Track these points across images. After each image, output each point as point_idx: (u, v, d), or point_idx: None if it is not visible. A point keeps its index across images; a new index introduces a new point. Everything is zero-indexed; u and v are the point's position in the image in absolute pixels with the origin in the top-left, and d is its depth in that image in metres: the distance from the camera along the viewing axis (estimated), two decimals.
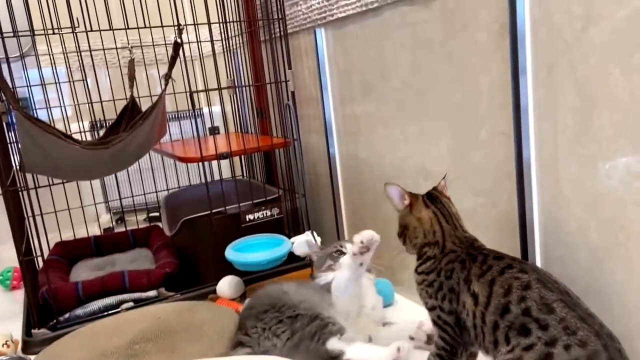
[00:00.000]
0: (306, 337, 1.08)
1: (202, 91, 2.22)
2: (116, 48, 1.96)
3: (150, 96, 1.88)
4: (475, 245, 0.97)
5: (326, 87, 1.70)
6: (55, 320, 1.46)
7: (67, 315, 1.49)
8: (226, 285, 1.57)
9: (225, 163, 2.28)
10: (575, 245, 0.97)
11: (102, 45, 1.89)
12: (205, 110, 2.42)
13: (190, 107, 1.68)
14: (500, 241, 1.13)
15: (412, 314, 1.36)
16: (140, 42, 2.04)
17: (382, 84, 1.43)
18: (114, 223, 2.53)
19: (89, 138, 2.20)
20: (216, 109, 2.44)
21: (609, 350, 0.76)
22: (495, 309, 0.84)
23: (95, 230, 2.20)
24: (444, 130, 1.24)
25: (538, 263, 1.04)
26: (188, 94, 1.61)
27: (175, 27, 1.51)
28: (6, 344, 1.38)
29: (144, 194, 2.23)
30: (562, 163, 0.97)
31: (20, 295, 1.84)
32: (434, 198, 1.03)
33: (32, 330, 1.44)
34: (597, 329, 0.78)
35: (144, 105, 1.64)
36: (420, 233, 1.01)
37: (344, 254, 1.31)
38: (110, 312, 1.51)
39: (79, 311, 1.50)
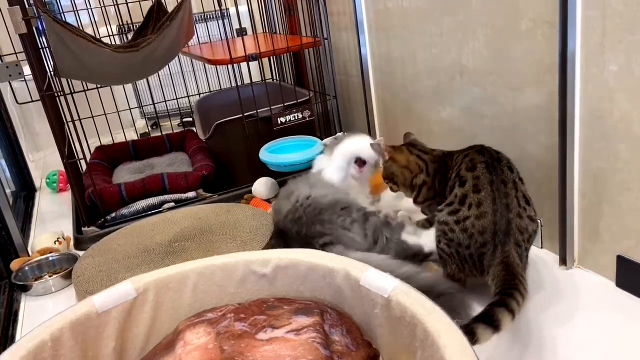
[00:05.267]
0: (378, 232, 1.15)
1: None
2: None
3: None
4: (445, 153, 1.16)
5: None
6: (102, 219, 1.55)
7: (113, 215, 1.57)
8: (262, 185, 1.61)
9: (254, 65, 2.25)
10: (616, 138, 0.94)
11: None
12: (232, 10, 2.35)
13: (217, 7, 1.63)
14: (539, 137, 1.11)
15: None
16: None
17: None
18: (149, 128, 2.58)
19: (117, 42, 2.18)
20: (243, 8, 2.36)
21: (496, 215, 0.95)
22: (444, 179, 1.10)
23: (132, 135, 2.25)
24: (482, 22, 1.17)
25: (576, 158, 1.02)
26: None
27: None
28: (58, 240, 1.48)
29: (176, 99, 2.25)
30: (609, 52, 0.91)
31: (67, 197, 1.94)
32: (414, 145, 1.23)
33: (82, 228, 1.54)
34: (495, 196, 0.96)
35: (170, 6, 1.60)
36: (408, 172, 1.19)
37: None
38: (153, 211, 1.59)
39: (124, 211, 1.58)
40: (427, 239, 1.17)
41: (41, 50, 1.56)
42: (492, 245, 0.94)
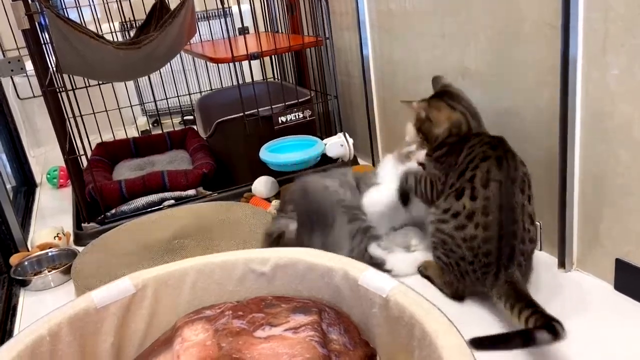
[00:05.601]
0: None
1: None
2: None
3: None
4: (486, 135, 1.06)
5: None
6: (102, 215, 1.55)
7: (113, 211, 1.58)
8: (262, 184, 1.61)
9: (256, 64, 2.26)
10: (616, 142, 0.94)
11: None
12: (235, 9, 2.35)
13: (219, 6, 1.63)
14: (539, 139, 1.11)
15: None
16: None
17: None
18: (150, 126, 2.58)
19: (120, 39, 2.19)
20: (245, 7, 2.36)
21: (502, 241, 0.93)
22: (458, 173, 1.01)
23: (133, 133, 2.25)
24: (485, 24, 1.17)
25: (576, 160, 1.02)
26: None
27: None
28: (58, 236, 1.48)
29: (178, 97, 2.25)
30: (611, 55, 0.91)
31: (67, 192, 1.94)
32: (455, 96, 1.08)
33: (82, 224, 1.54)
34: (504, 220, 0.94)
35: (173, 4, 1.60)
36: (446, 132, 1.07)
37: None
38: (153, 208, 1.59)
39: (124, 207, 1.58)
40: (394, 261, 1.14)
41: (43, 45, 1.56)
42: (496, 267, 0.94)
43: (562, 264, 1.09)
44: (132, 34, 1.74)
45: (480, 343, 0.78)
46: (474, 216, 0.96)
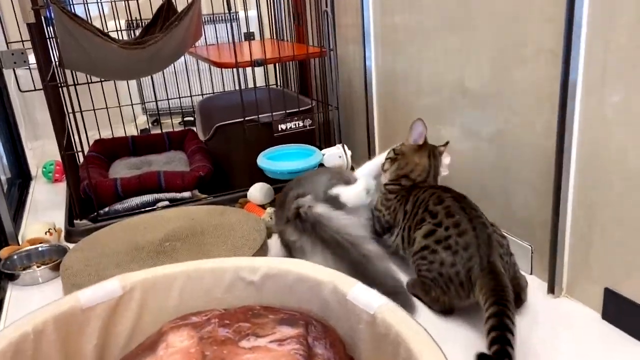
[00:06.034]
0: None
1: None
2: None
3: None
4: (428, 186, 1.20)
5: None
6: (95, 213, 1.54)
7: (107, 209, 1.57)
8: (257, 191, 1.61)
9: (259, 70, 2.26)
10: (611, 171, 0.95)
11: None
12: (241, 14, 2.36)
13: (226, 10, 1.64)
14: (535, 164, 1.11)
15: None
16: None
17: None
18: (150, 125, 2.58)
19: (125, 37, 2.19)
20: (252, 13, 2.37)
21: (476, 230, 0.99)
22: (412, 217, 1.12)
23: (132, 131, 2.25)
24: (487, 44, 1.18)
25: (570, 187, 1.03)
26: None
27: None
28: (49, 231, 1.48)
29: (179, 98, 2.25)
30: (610, 86, 0.92)
31: (62, 187, 1.94)
32: (435, 155, 1.25)
33: (75, 221, 1.53)
34: (471, 217, 1.02)
35: (180, 6, 1.61)
36: (410, 171, 1.23)
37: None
38: (147, 209, 1.58)
39: (118, 206, 1.58)
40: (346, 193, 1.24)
41: (48, 40, 1.57)
42: (478, 257, 0.96)
43: (551, 290, 1.09)
44: (137, 33, 1.74)
45: None
46: (441, 224, 1.04)
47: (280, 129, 1.67)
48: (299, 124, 1.70)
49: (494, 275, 0.93)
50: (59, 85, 1.58)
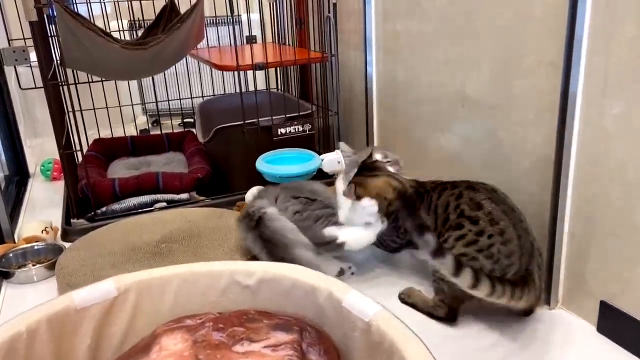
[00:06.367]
0: (312, 218, 1.20)
1: None
2: None
3: None
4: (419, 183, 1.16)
5: (370, 0, 1.62)
6: (93, 213, 1.54)
7: (104, 209, 1.57)
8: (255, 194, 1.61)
9: (260, 74, 2.26)
10: (609, 184, 0.95)
11: None
12: (244, 17, 2.36)
13: (229, 13, 1.64)
14: (533, 174, 1.11)
15: None
16: None
17: (428, 0, 1.36)
18: (149, 125, 2.58)
19: (127, 37, 2.19)
20: (254, 16, 2.37)
21: (521, 239, 0.97)
22: (441, 224, 1.05)
23: (132, 131, 2.25)
24: (488, 55, 1.19)
25: (569, 199, 1.03)
26: None
27: None
28: (45, 230, 1.47)
29: (180, 99, 2.25)
30: (610, 98, 0.92)
31: (60, 186, 1.93)
32: (371, 168, 1.19)
33: (71, 220, 1.53)
34: (515, 222, 0.99)
35: (183, 7, 1.61)
36: (381, 196, 1.14)
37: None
38: (144, 209, 1.58)
39: (115, 206, 1.58)
40: (346, 235, 1.17)
41: (50, 38, 1.57)
42: (518, 264, 0.97)
43: (547, 301, 1.09)
44: (139, 33, 1.74)
45: None
46: (483, 233, 0.99)
47: (280, 133, 1.67)
48: (298, 128, 1.70)
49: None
50: (60, 83, 1.58)
